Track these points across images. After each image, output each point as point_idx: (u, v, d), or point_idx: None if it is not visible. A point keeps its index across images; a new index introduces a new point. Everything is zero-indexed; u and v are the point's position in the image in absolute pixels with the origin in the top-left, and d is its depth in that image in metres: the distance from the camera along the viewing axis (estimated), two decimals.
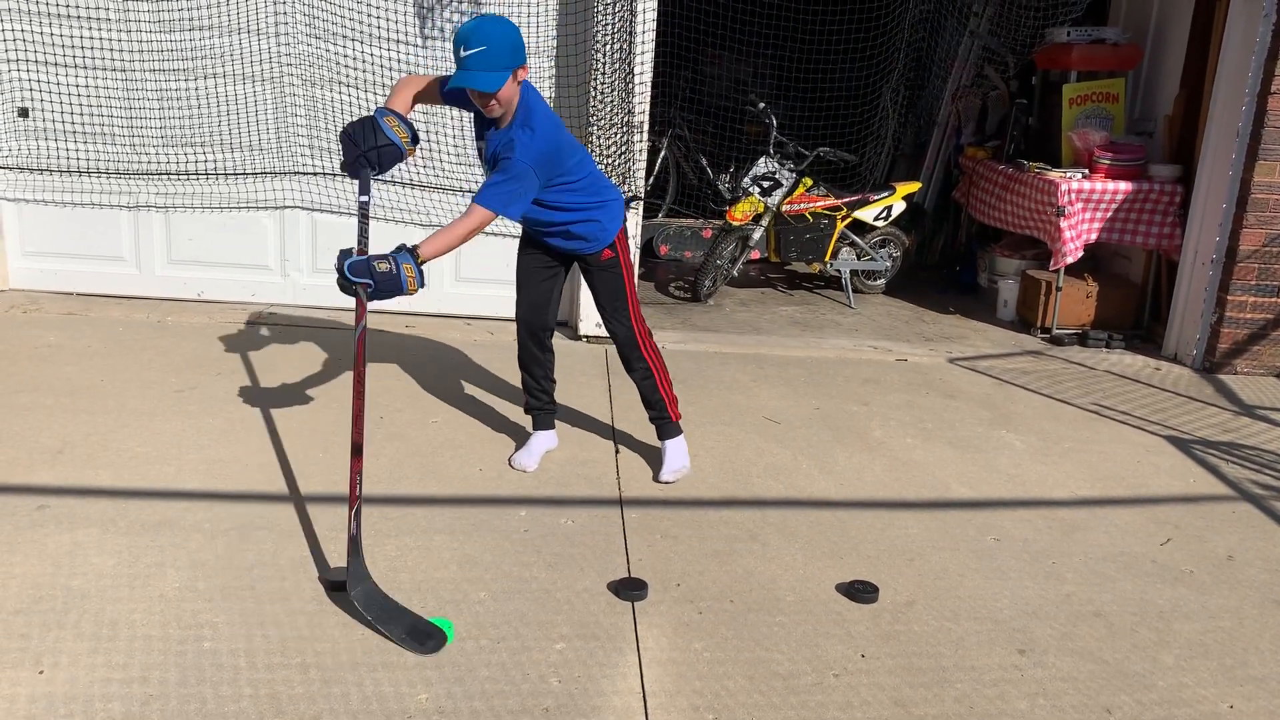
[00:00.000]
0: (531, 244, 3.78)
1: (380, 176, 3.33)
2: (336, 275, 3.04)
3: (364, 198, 3.15)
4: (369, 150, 3.15)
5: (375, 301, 3.05)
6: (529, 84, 3.38)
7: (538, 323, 3.81)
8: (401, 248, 3.07)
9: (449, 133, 5.53)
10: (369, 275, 3.00)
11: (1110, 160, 6.02)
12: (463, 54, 3.16)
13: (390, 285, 3.02)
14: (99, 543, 3.12)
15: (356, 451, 3.01)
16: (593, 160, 3.68)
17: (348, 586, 2.84)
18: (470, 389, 4.68)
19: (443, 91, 3.47)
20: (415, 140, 3.23)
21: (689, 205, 8.35)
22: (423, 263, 3.08)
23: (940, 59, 7.83)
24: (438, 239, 3.17)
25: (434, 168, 5.56)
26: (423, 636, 2.73)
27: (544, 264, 3.77)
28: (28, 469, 3.59)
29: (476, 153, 3.61)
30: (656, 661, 2.72)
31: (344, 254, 3.04)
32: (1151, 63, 6.47)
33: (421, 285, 3.07)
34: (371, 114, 3.20)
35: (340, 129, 3.26)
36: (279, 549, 3.16)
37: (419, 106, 3.64)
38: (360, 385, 3.06)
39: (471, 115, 3.55)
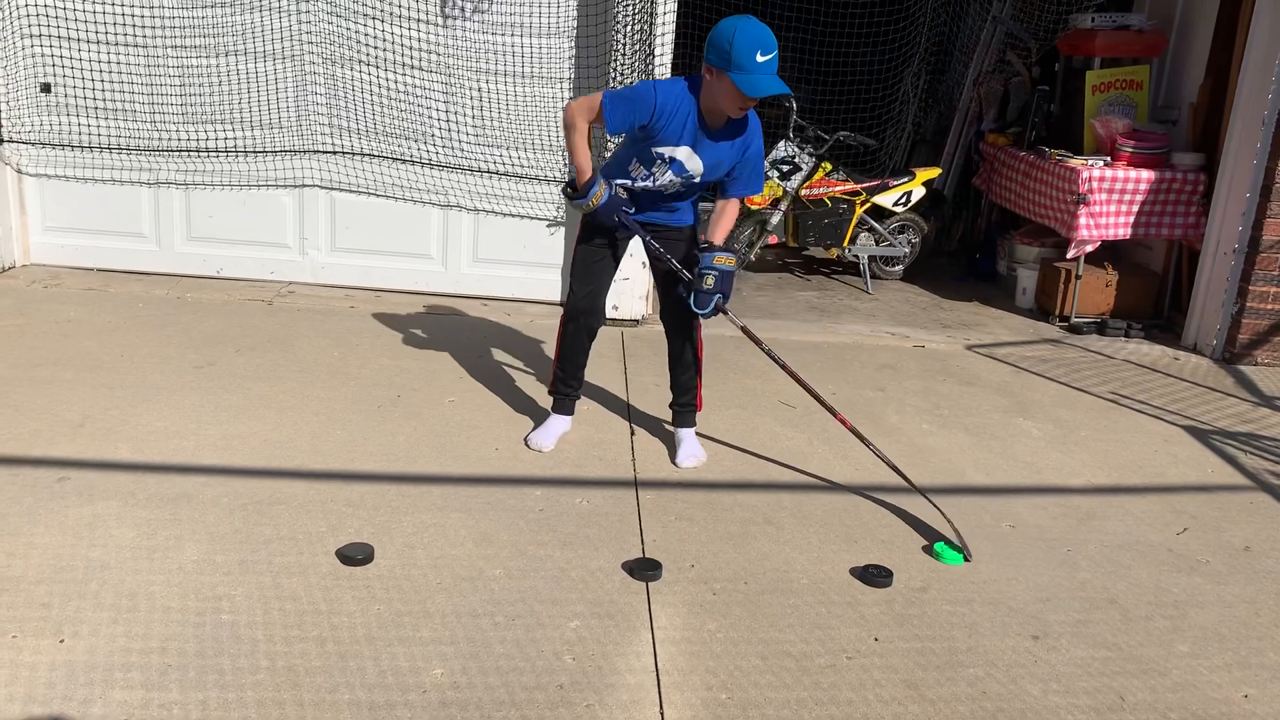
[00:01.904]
0: (603, 237, 3.71)
1: (411, 158, 3.51)
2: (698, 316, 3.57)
3: (646, 238, 3.65)
4: (620, 211, 3.57)
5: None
6: None
7: (595, 319, 3.81)
8: (701, 252, 3.51)
9: (468, 114, 5.52)
10: (712, 295, 3.47)
11: (1133, 148, 5.97)
12: (761, 59, 3.22)
13: (727, 283, 3.50)
14: (118, 515, 3.15)
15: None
16: None
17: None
18: (487, 369, 4.69)
19: (622, 128, 3.48)
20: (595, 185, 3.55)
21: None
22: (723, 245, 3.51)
23: (962, 44, 7.77)
24: (721, 228, 3.58)
25: (453, 148, 5.56)
26: None
27: (613, 258, 3.79)
28: (49, 441, 3.62)
29: (640, 159, 3.54)
30: (670, 641, 2.74)
31: (691, 297, 3.54)
32: (1177, 50, 6.41)
33: (738, 257, 3.50)
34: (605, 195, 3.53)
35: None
36: (296, 523, 3.18)
37: (442, 78, 3.72)
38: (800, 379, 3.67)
39: (655, 130, 3.45)
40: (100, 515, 3.14)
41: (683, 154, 3.48)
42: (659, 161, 3.50)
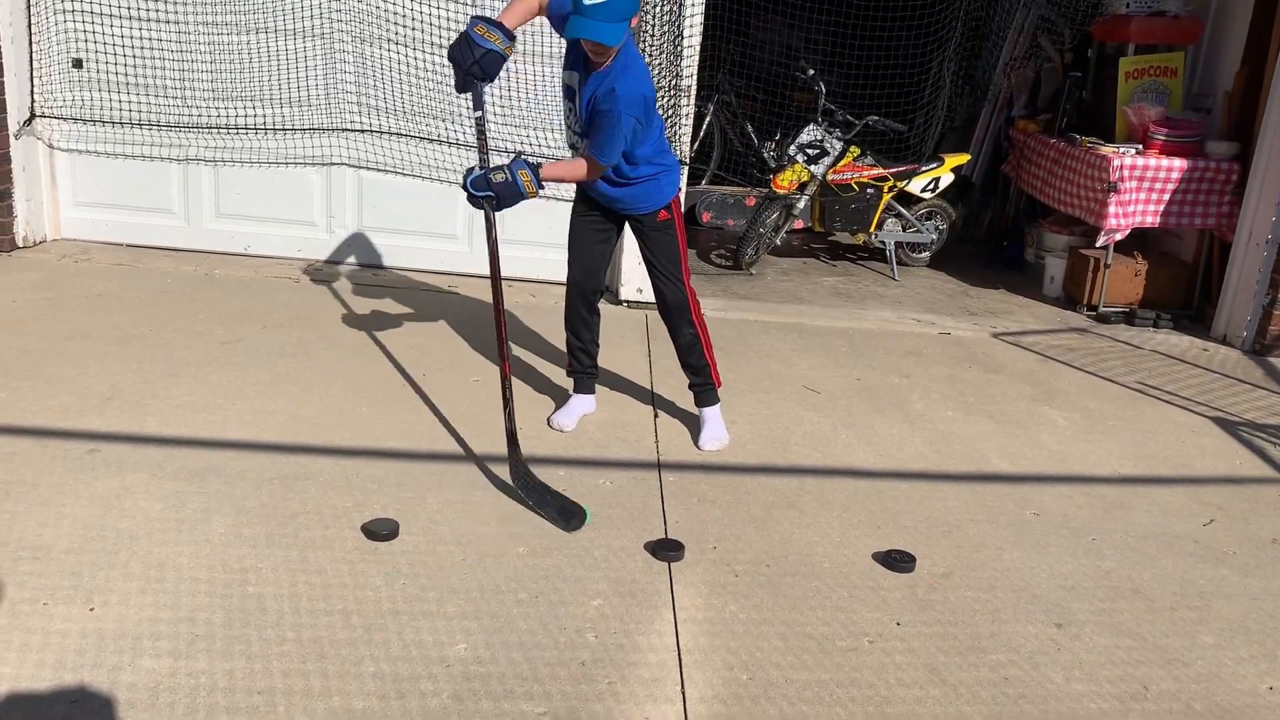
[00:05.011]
0: (587, 206, 3.78)
1: (438, 138, 3.44)
2: (464, 195, 3.39)
3: (478, 113, 3.43)
4: (472, 65, 3.30)
5: (502, 210, 3.41)
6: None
7: (589, 285, 3.82)
8: (518, 156, 3.36)
9: (496, 94, 5.51)
10: (489, 188, 3.33)
11: (1166, 136, 5.89)
12: (586, 2, 3.14)
13: (509, 192, 3.34)
14: (147, 487, 3.19)
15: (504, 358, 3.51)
16: (662, 122, 3.68)
17: (511, 475, 3.36)
18: (511, 350, 4.70)
19: (555, 13, 3.47)
20: (511, 39, 3.33)
21: (733, 172, 8.30)
22: (544, 180, 3.37)
23: (996, 29, 7.69)
24: (556, 167, 3.48)
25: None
26: (568, 515, 3.18)
27: (598, 226, 3.79)
28: (79, 414, 3.66)
29: (562, 89, 3.60)
30: (692, 620, 2.74)
31: (468, 172, 3.38)
32: (1212, 37, 6.32)
33: (540, 189, 3.36)
34: (465, 30, 3.30)
35: (447, 52, 3.41)
36: (322, 499, 3.20)
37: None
38: (498, 291, 3.52)
39: (564, 42, 3.52)
40: (129, 487, 3.18)
41: (573, 82, 3.49)
42: (565, 95, 3.56)
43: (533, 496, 3.27)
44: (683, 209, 3.73)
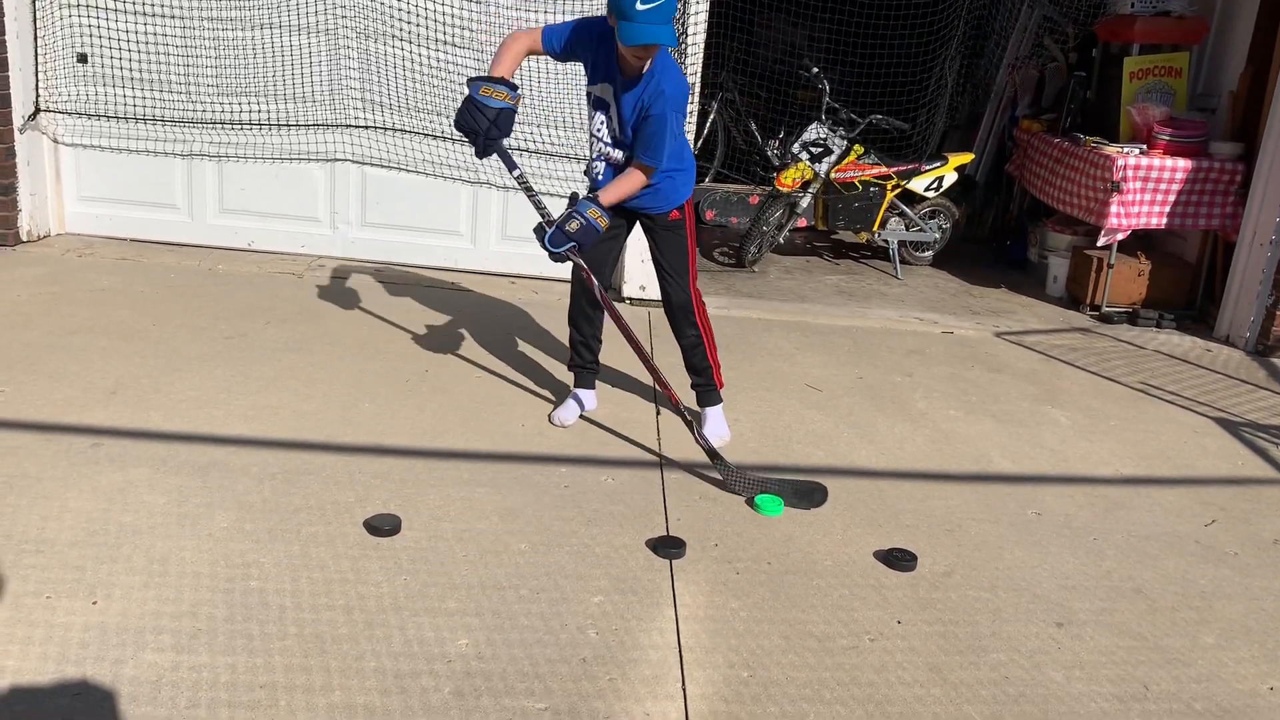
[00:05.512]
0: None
1: (442, 134, 3.43)
2: (547, 254, 3.43)
3: (515, 172, 3.47)
4: (489, 129, 3.33)
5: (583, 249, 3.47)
6: None
7: (592, 270, 3.81)
8: (574, 198, 3.41)
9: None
10: (568, 240, 3.38)
11: (1170, 136, 5.88)
12: (640, 8, 3.12)
13: (588, 234, 3.40)
14: (150, 481, 3.19)
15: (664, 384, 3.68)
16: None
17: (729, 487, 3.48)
18: (514, 346, 4.71)
19: (557, 47, 3.48)
20: (515, 90, 3.36)
21: (737, 170, 8.30)
22: (607, 206, 3.43)
23: (999, 28, 7.68)
24: (612, 190, 3.45)
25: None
26: (806, 495, 3.41)
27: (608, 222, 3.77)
28: (82, 408, 3.67)
29: (587, 99, 3.58)
30: (693, 618, 2.75)
31: (539, 231, 3.42)
32: (1217, 37, 6.31)
33: (606, 216, 3.43)
34: (467, 94, 3.32)
35: (454, 123, 3.42)
36: (324, 494, 3.21)
37: (474, 53, 3.65)
38: (629, 332, 3.66)
39: (584, 64, 3.52)
40: (132, 481, 3.18)
41: (607, 95, 3.48)
42: (595, 108, 3.54)
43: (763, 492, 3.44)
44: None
